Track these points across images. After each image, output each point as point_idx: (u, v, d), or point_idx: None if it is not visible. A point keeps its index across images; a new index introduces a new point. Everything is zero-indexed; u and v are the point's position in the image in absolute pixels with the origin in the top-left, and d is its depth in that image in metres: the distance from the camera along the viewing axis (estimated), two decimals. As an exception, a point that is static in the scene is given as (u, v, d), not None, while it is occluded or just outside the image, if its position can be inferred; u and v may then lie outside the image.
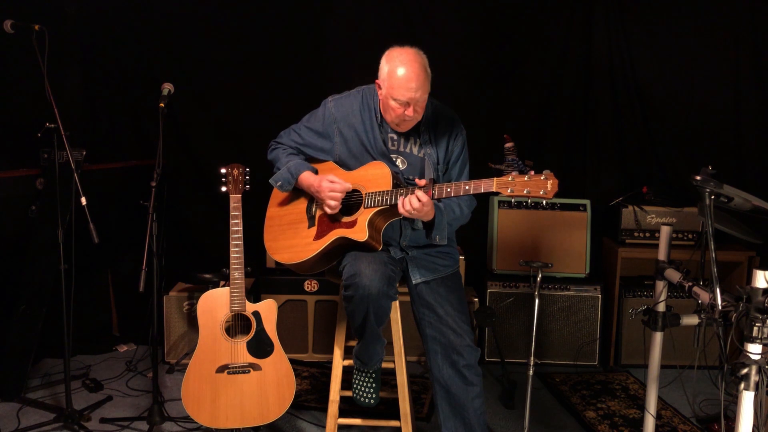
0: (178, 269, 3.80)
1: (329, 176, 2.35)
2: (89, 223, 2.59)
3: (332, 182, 2.33)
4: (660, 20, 3.93)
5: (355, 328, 2.36)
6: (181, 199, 4.01)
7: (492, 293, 3.75)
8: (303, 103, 2.69)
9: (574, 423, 3.10)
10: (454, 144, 2.47)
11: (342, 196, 2.33)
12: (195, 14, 3.91)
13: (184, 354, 3.63)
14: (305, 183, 2.43)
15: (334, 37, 3.99)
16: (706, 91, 3.95)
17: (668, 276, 2.42)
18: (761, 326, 1.81)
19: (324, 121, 2.49)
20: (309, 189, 2.42)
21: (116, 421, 2.98)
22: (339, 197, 2.32)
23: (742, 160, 3.98)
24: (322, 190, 2.34)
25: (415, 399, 3.25)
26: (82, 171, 2.85)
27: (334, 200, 2.32)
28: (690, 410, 3.21)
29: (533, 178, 2.03)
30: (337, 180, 2.33)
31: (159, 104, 2.73)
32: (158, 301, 2.96)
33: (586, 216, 3.77)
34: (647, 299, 3.69)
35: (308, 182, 2.41)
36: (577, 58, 4.04)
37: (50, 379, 3.41)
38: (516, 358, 3.66)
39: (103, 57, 3.91)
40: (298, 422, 3.02)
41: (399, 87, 2.26)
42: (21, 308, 3.16)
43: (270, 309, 2.61)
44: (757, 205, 2.07)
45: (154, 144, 2.72)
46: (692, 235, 3.73)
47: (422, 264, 2.45)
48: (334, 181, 2.33)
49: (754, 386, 1.84)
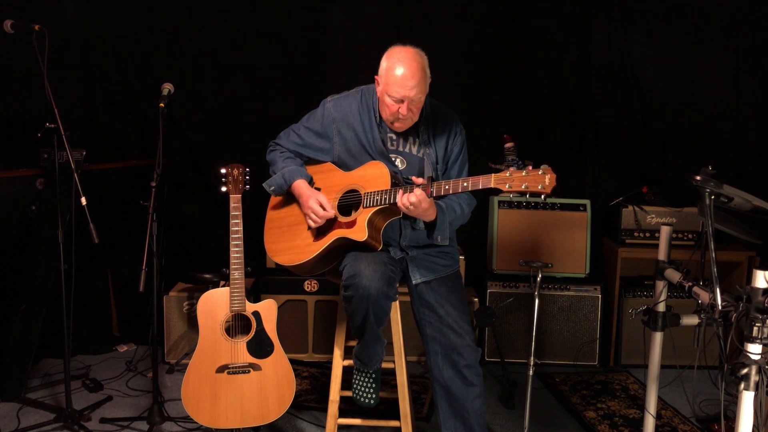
0: (178, 269, 3.80)
1: (321, 197, 2.38)
2: (89, 223, 2.59)
3: (320, 205, 2.36)
4: (660, 20, 3.94)
5: (355, 329, 2.36)
6: (181, 199, 4.01)
7: (492, 293, 3.75)
8: (303, 103, 2.69)
9: (574, 423, 3.10)
10: (453, 144, 2.47)
11: (322, 222, 2.37)
12: (195, 14, 3.91)
13: (184, 354, 3.63)
14: (296, 192, 2.46)
15: (334, 37, 3.99)
16: (706, 91, 3.95)
17: (668, 276, 2.42)
18: (761, 326, 1.81)
19: (323, 121, 2.49)
20: (298, 199, 2.45)
21: (116, 421, 2.98)
22: (319, 222, 2.37)
23: (742, 160, 3.98)
24: (307, 210, 2.40)
25: (415, 399, 3.25)
26: (82, 171, 2.85)
27: (314, 223, 2.39)
28: (690, 410, 3.21)
29: (531, 173, 2.03)
30: (327, 205, 2.36)
31: (159, 104, 2.73)
32: (158, 301, 2.96)
33: (586, 216, 3.77)
34: (647, 299, 3.69)
35: (299, 192, 2.45)
36: (577, 58, 4.04)
37: (50, 379, 3.41)
38: (516, 358, 3.66)
39: (103, 57, 3.91)
40: (298, 422, 3.02)
41: (395, 84, 2.26)
42: (21, 308, 3.16)
43: (270, 309, 2.61)
44: (757, 205, 2.08)
45: (154, 144, 2.71)
46: (692, 235, 3.73)
47: (422, 264, 2.45)
48: (323, 205, 2.36)
49: (754, 386, 1.84)
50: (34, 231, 3.19)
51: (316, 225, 2.39)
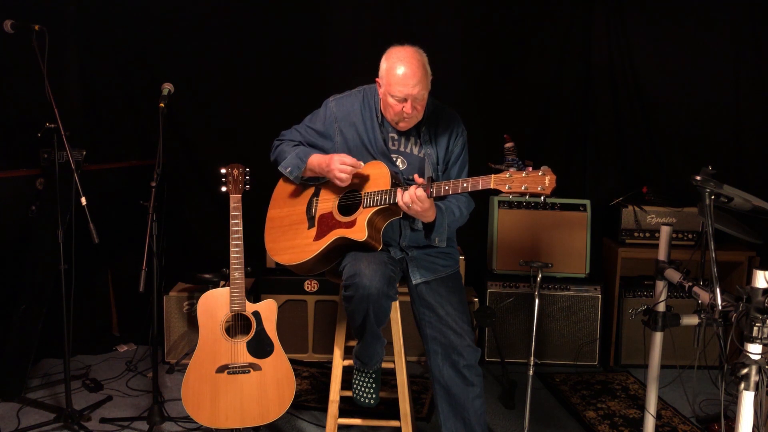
0: (178, 269, 3.80)
1: (341, 155, 2.35)
2: (89, 223, 2.59)
3: (343, 157, 2.33)
4: (660, 20, 3.94)
5: (355, 329, 2.36)
6: (181, 199, 4.01)
7: (492, 293, 3.75)
8: (304, 103, 2.69)
9: (574, 423, 3.10)
10: (454, 144, 2.47)
11: (352, 170, 2.32)
12: (195, 14, 3.91)
13: (184, 354, 3.63)
14: (315, 162, 2.41)
15: (334, 37, 3.99)
16: (706, 91, 3.95)
17: (668, 276, 2.42)
18: (761, 326, 1.81)
19: (325, 120, 2.49)
20: (320, 167, 2.40)
21: (116, 421, 2.98)
22: (349, 170, 2.31)
23: (742, 160, 3.98)
24: (333, 163, 2.33)
25: (415, 399, 3.25)
26: (82, 171, 2.85)
27: (344, 173, 2.32)
28: (690, 410, 3.21)
29: (531, 174, 2.02)
30: (348, 157, 2.34)
31: (159, 104, 2.73)
32: (158, 301, 2.96)
33: (586, 216, 3.77)
34: (647, 299, 3.69)
35: (318, 161, 2.41)
36: (577, 58, 4.04)
37: (50, 379, 3.41)
38: (516, 358, 3.66)
39: (103, 57, 3.91)
40: (298, 422, 3.02)
41: (397, 83, 2.26)
42: (21, 308, 3.16)
43: (270, 309, 2.61)
44: (757, 205, 2.08)
45: (154, 144, 2.71)
46: (692, 235, 3.73)
47: (422, 264, 2.45)
48: (346, 157, 2.33)
49: (754, 386, 1.84)
50: (34, 231, 3.19)
51: (347, 176, 2.32)
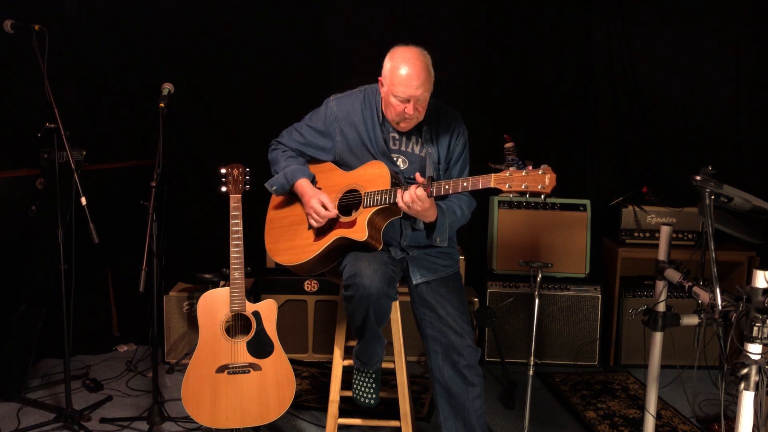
0: (178, 269, 3.80)
1: (323, 197, 2.37)
2: (89, 223, 2.59)
3: (322, 205, 2.35)
4: (660, 21, 3.94)
5: (355, 329, 2.36)
6: (181, 199, 4.01)
7: (492, 293, 3.75)
8: (304, 103, 2.68)
9: (574, 423, 3.10)
10: (455, 143, 2.47)
11: (324, 222, 2.37)
12: (195, 14, 3.91)
13: (184, 354, 3.62)
14: (299, 191, 2.46)
15: (335, 37, 3.99)
16: (706, 91, 3.95)
17: (668, 276, 2.42)
18: (761, 326, 1.81)
19: (326, 120, 2.49)
20: (301, 197, 2.45)
21: (116, 421, 2.98)
22: (321, 222, 2.37)
23: (742, 160, 3.98)
24: (309, 209, 2.39)
25: (415, 399, 3.25)
26: (82, 171, 2.85)
27: (316, 223, 2.38)
28: (690, 410, 3.21)
29: (531, 173, 2.02)
30: (329, 205, 2.36)
31: (159, 104, 2.73)
32: (158, 301, 2.96)
33: (586, 216, 3.77)
34: (647, 299, 3.69)
35: (301, 192, 2.45)
36: (577, 58, 4.04)
37: (50, 379, 3.41)
38: (516, 358, 3.66)
39: (102, 57, 3.91)
40: (298, 422, 3.02)
41: (400, 84, 2.26)
42: (21, 308, 3.16)
43: (270, 309, 2.61)
44: (757, 205, 2.07)
45: (154, 144, 2.71)
46: (692, 235, 3.73)
47: (423, 264, 2.45)
48: (325, 205, 2.35)
49: (754, 386, 1.84)
50: (34, 231, 3.19)
51: (318, 225, 2.39)
